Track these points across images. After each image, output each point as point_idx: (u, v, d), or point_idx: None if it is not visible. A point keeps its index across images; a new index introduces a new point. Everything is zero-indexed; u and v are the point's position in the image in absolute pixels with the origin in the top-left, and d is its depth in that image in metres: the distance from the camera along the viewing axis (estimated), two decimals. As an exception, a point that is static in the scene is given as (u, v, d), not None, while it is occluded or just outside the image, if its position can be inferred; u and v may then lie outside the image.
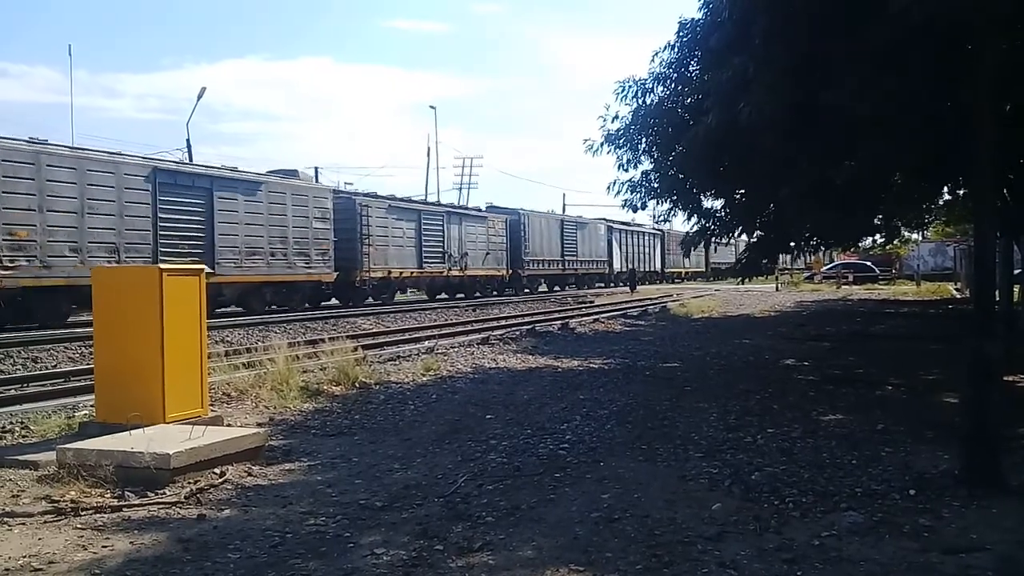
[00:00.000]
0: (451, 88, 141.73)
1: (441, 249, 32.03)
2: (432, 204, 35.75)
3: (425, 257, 30.99)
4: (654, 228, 54.22)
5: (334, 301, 27.70)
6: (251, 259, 22.34)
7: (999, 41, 5.78)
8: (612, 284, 47.90)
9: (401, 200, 31.55)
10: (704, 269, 64.98)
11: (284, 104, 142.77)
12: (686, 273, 63.18)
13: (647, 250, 55.49)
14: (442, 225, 32.28)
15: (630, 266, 48.63)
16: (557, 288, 42.11)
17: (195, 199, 20.63)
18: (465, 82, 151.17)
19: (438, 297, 32.86)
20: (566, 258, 41.96)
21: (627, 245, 51.29)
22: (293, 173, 25.76)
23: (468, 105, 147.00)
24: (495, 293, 35.93)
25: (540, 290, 40.85)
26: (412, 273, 30.41)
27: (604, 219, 48.92)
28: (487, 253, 35.18)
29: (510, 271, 37.10)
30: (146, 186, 19.14)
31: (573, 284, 43.87)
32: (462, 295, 33.59)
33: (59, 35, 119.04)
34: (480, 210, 37.42)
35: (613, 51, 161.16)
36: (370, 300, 28.27)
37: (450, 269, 32.46)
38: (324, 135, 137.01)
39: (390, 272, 28.79)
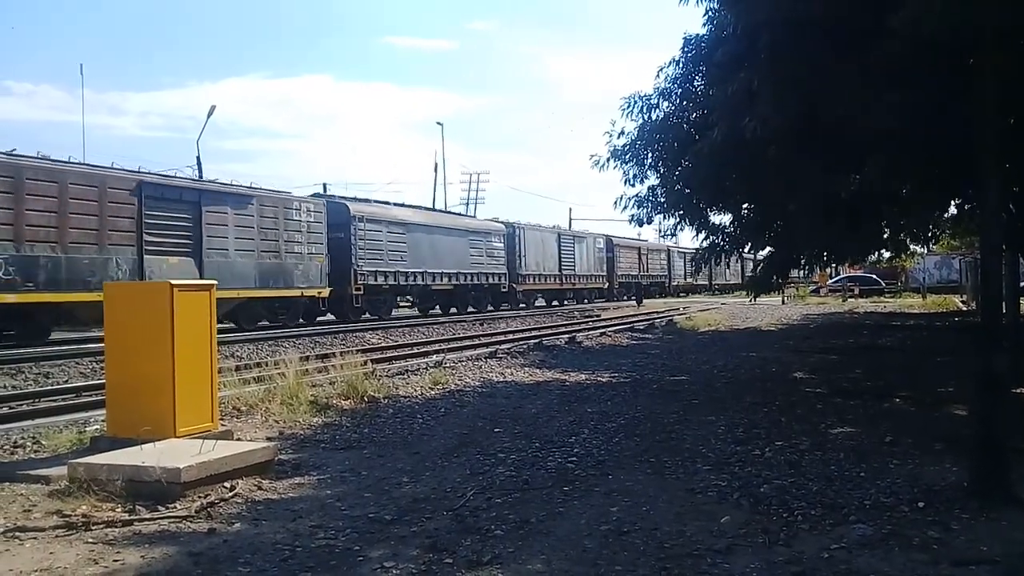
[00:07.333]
0: (452, 105, 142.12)
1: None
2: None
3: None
4: None
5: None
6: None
7: (1001, 54, 5.80)
8: None
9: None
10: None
11: (287, 122, 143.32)
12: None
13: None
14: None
15: None
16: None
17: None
18: (466, 99, 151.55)
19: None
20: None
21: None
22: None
23: (470, 122, 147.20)
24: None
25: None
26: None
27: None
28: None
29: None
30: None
31: None
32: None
33: (64, 54, 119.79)
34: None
35: (615, 68, 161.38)
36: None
37: None
38: (328, 153, 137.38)
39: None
